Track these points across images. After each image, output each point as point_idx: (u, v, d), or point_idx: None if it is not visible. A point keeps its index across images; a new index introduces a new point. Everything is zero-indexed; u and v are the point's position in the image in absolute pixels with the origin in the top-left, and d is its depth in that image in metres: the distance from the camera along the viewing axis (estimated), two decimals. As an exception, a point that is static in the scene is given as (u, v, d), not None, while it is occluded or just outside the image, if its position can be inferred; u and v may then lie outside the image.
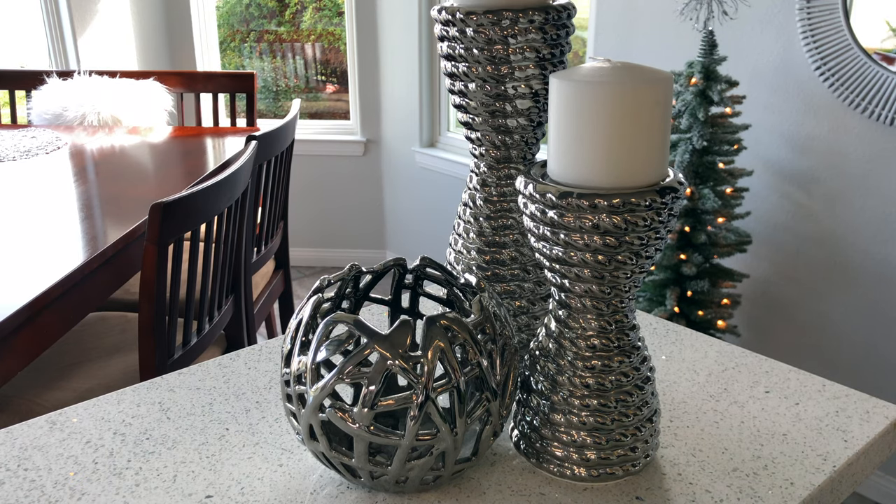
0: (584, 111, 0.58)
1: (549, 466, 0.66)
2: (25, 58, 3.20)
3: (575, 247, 0.60)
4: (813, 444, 0.71)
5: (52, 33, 3.07)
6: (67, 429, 0.74)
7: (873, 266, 2.14)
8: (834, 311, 2.25)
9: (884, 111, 1.99)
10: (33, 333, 1.33)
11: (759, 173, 2.25)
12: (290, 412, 0.63)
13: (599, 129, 0.58)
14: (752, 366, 0.84)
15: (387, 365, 0.57)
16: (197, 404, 0.78)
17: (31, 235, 1.61)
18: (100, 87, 2.64)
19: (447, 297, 0.73)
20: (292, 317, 0.64)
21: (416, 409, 0.57)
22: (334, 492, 0.65)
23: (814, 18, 2.06)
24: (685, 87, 2.09)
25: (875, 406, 0.76)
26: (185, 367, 0.89)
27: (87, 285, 1.47)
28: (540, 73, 0.70)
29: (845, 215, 2.16)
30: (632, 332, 0.65)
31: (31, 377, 1.59)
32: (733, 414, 0.75)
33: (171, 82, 2.72)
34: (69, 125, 2.59)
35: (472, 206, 0.76)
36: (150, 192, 1.89)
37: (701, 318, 2.15)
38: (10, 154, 2.22)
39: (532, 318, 0.77)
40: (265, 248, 2.18)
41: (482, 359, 0.60)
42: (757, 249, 2.32)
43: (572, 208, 0.58)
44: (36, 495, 0.65)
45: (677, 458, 0.69)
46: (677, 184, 0.60)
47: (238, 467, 0.68)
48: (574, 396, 0.64)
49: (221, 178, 1.56)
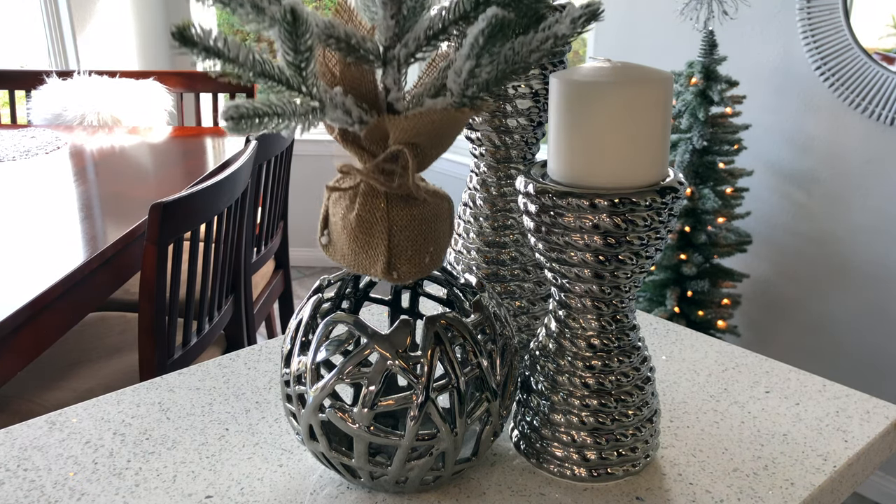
0: (584, 111, 0.58)
1: (549, 467, 0.66)
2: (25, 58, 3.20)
3: (575, 247, 0.60)
4: (813, 445, 0.71)
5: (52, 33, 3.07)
6: (67, 429, 0.74)
7: (873, 266, 2.13)
8: (834, 311, 2.24)
9: (884, 111, 1.99)
10: (33, 333, 1.33)
11: (760, 173, 2.25)
12: (289, 412, 0.63)
13: (599, 129, 0.58)
14: (752, 366, 0.84)
15: (387, 365, 0.57)
16: (197, 404, 0.78)
17: (31, 235, 1.61)
18: (100, 87, 2.64)
19: (447, 297, 0.72)
20: (292, 317, 0.64)
21: (416, 410, 0.57)
22: (334, 492, 0.65)
23: (814, 18, 2.06)
24: (685, 87, 2.09)
25: (875, 406, 0.76)
26: (185, 367, 0.89)
27: (87, 285, 1.47)
28: (540, 73, 0.70)
29: (845, 215, 2.16)
30: (632, 332, 0.65)
31: (30, 377, 1.59)
32: (733, 414, 0.75)
33: (171, 82, 2.72)
34: (69, 125, 2.59)
35: (472, 206, 0.76)
36: (150, 192, 1.89)
37: (701, 318, 2.15)
38: (9, 154, 2.22)
39: (532, 318, 0.77)
40: (265, 248, 2.18)
41: (482, 359, 0.60)
42: (757, 249, 2.32)
43: (572, 208, 0.58)
44: (36, 495, 0.65)
45: (677, 458, 0.69)
46: (677, 184, 0.60)
47: (238, 467, 0.68)
48: (574, 396, 0.64)
49: (221, 178, 1.56)
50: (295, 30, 0.45)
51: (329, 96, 0.50)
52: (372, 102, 0.52)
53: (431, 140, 0.53)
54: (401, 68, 0.53)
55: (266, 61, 0.48)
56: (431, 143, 0.54)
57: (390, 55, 0.51)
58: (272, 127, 0.48)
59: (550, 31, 0.48)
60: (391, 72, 0.52)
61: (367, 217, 0.55)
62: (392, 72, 0.52)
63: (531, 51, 0.48)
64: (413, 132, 0.52)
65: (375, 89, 0.53)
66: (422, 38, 0.51)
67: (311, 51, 0.47)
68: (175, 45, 0.46)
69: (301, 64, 0.47)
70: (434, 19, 0.51)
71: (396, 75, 0.52)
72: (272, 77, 0.47)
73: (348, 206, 0.57)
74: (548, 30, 0.48)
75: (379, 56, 0.52)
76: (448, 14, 0.50)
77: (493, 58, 0.48)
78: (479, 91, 0.50)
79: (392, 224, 0.55)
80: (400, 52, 0.51)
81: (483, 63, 0.48)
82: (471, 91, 0.50)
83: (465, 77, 0.49)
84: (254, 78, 0.47)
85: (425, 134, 0.52)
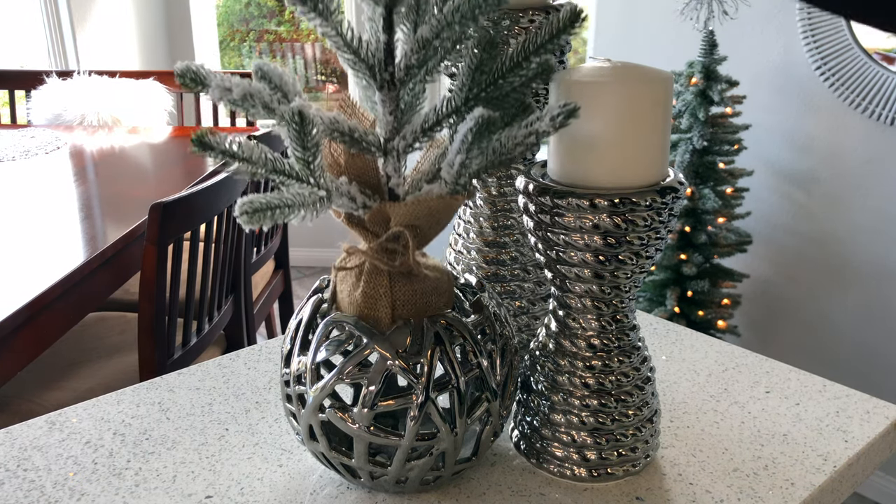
0: (584, 111, 0.58)
1: (549, 467, 0.66)
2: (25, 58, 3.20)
3: (575, 247, 0.60)
4: (813, 445, 0.71)
5: (52, 33, 3.07)
6: (67, 429, 0.74)
7: (873, 266, 2.13)
8: (834, 311, 2.25)
9: (884, 111, 1.99)
10: (33, 333, 1.33)
11: (760, 173, 2.25)
12: (289, 412, 0.63)
13: (599, 129, 0.58)
14: (752, 366, 0.84)
15: (387, 365, 0.57)
16: (196, 404, 0.78)
17: (30, 235, 1.61)
18: (100, 86, 2.64)
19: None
20: (292, 317, 0.64)
21: (416, 410, 0.57)
22: (334, 492, 0.65)
23: (814, 18, 2.06)
24: (685, 87, 2.09)
25: (875, 406, 0.76)
26: (185, 367, 0.89)
27: (86, 285, 1.47)
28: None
29: (845, 215, 2.16)
30: (632, 332, 0.65)
31: (30, 377, 1.59)
32: (734, 414, 0.75)
33: (170, 82, 2.72)
34: (69, 125, 2.59)
35: (472, 206, 0.76)
36: (150, 192, 1.89)
37: (701, 318, 2.15)
38: (9, 154, 2.22)
39: (532, 318, 0.77)
40: (265, 248, 2.18)
41: (482, 359, 0.60)
42: (757, 249, 2.32)
43: (572, 208, 0.58)
44: (35, 496, 0.65)
45: (677, 458, 0.69)
46: (678, 184, 0.60)
47: (238, 468, 0.68)
48: (574, 396, 0.64)
49: (221, 178, 1.56)
50: (303, 129, 0.51)
51: (335, 185, 0.55)
52: (374, 188, 0.58)
53: (429, 222, 0.58)
54: (400, 158, 0.58)
55: (277, 158, 0.53)
56: (429, 224, 0.59)
57: (390, 146, 0.57)
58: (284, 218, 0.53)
59: (532, 127, 0.54)
60: (391, 161, 0.57)
61: (372, 293, 0.60)
62: (392, 161, 0.58)
63: (516, 144, 0.54)
64: (412, 216, 0.57)
65: (378, 176, 0.58)
66: (418, 132, 0.57)
67: (317, 146, 0.52)
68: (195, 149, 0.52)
69: (309, 158, 0.52)
70: (429, 114, 0.57)
71: (396, 164, 0.58)
72: (283, 172, 0.53)
73: (354, 284, 0.61)
74: (530, 126, 0.54)
75: (380, 147, 0.57)
76: (442, 108, 0.56)
77: (481, 151, 0.54)
78: (470, 179, 0.56)
79: (395, 300, 0.60)
80: (399, 144, 0.57)
81: (472, 156, 0.54)
82: (462, 180, 0.56)
83: (457, 168, 0.55)
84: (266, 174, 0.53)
85: (423, 217, 0.57)
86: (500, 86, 0.56)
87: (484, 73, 0.55)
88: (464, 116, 0.56)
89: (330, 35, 0.54)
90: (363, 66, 0.55)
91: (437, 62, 0.55)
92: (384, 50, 0.55)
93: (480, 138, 0.52)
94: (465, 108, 0.56)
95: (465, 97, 0.56)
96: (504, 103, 0.56)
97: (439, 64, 0.55)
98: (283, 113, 0.52)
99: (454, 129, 0.57)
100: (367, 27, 0.56)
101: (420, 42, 0.54)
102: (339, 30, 0.54)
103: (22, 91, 2.76)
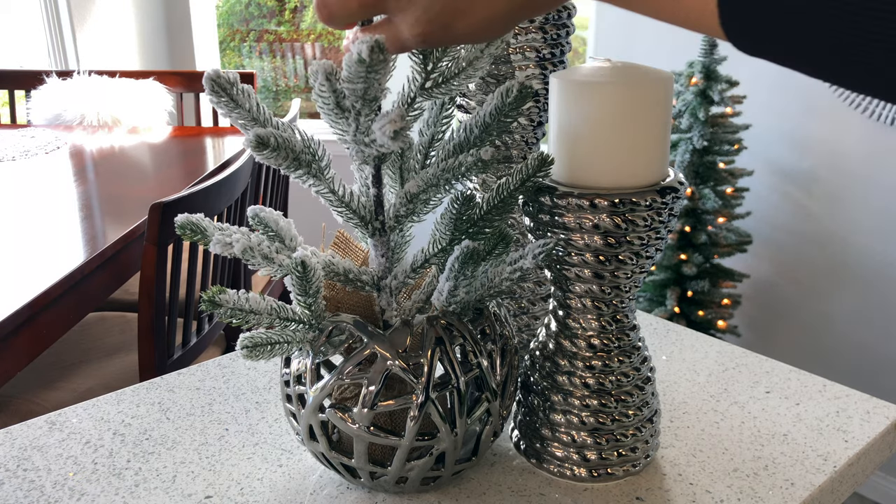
0: (584, 111, 0.58)
1: (549, 467, 0.66)
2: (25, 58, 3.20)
3: (575, 247, 0.60)
4: (813, 445, 0.70)
5: (52, 33, 3.07)
6: (67, 429, 0.74)
7: (873, 266, 2.13)
8: (834, 311, 2.25)
9: (884, 111, 1.99)
10: (33, 333, 1.33)
11: (760, 173, 2.25)
12: (289, 412, 0.63)
13: (599, 129, 0.58)
14: (752, 366, 0.84)
15: (387, 365, 0.57)
16: (196, 404, 0.78)
17: (30, 235, 1.61)
18: (99, 86, 2.64)
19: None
20: (292, 317, 0.64)
21: (416, 410, 0.57)
22: (334, 492, 0.65)
23: (814, 18, 2.06)
24: (685, 86, 2.09)
25: (875, 406, 0.76)
26: (185, 367, 0.89)
27: (86, 285, 1.47)
28: (540, 73, 0.70)
29: (845, 215, 2.16)
30: (632, 333, 0.65)
31: (30, 377, 1.59)
32: (734, 414, 0.75)
33: (170, 82, 2.72)
34: (69, 125, 2.58)
35: (472, 206, 0.76)
36: (150, 192, 1.89)
37: (701, 318, 2.15)
38: (9, 154, 2.22)
39: (532, 318, 0.77)
40: (265, 248, 2.18)
41: (482, 359, 0.60)
42: (757, 249, 2.32)
43: (572, 208, 0.58)
44: (35, 496, 0.65)
45: (677, 458, 0.69)
46: (678, 184, 0.60)
47: (238, 468, 0.68)
48: (574, 396, 0.64)
49: (221, 178, 1.56)
50: (305, 277, 0.55)
51: (336, 325, 0.59)
52: (370, 319, 0.62)
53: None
54: (393, 294, 0.62)
55: (282, 307, 0.58)
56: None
57: (383, 284, 0.61)
58: (282, 353, 0.59)
59: (517, 265, 0.59)
60: (385, 296, 0.62)
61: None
62: (385, 296, 0.62)
63: (503, 279, 0.60)
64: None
65: (373, 310, 0.63)
66: (408, 271, 0.61)
67: (318, 291, 0.57)
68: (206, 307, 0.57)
69: (310, 303, 0.57)
70: (417, 255, 0.62)
71: (389, 299, 0.62)
72: (287, 318, 0.58)
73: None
74: (515, 264, 0.59)
75: (374, 285, 0.61)
76: (429, 248, 0.61)
77: (468, 280, 0.58)
78: (459, 308, 0.60)
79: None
80: (391, 283, 0.61)
81: (460, 284, 0.58)
82: (452, 308, 0.60)
83: (445, 296, 0.59)
84: (272, 322, 0.58)
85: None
86: (480, 226, 0.60)
87: (463, 222, 0.60)
88: (450, 253, 0.60)
89: (323, 193, 0.58)
90: (355, 217, 0.59)
91: (425, 212, 0.60)
92: (374, 202, 0.59)
93: (466, 266, 0.57)
94: (451, 248, 0.61)
95: (451, 239, 0.60)
96: (485, 237, 0.61)
97: (426, 213, 0.60)
98: (281, 262, 0.58)
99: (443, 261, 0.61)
100: (356, 176, 0.60)
101: (407, 196, 0.58)
102: (331, 187, 0.57)
103: (22, 91, 2.76)
